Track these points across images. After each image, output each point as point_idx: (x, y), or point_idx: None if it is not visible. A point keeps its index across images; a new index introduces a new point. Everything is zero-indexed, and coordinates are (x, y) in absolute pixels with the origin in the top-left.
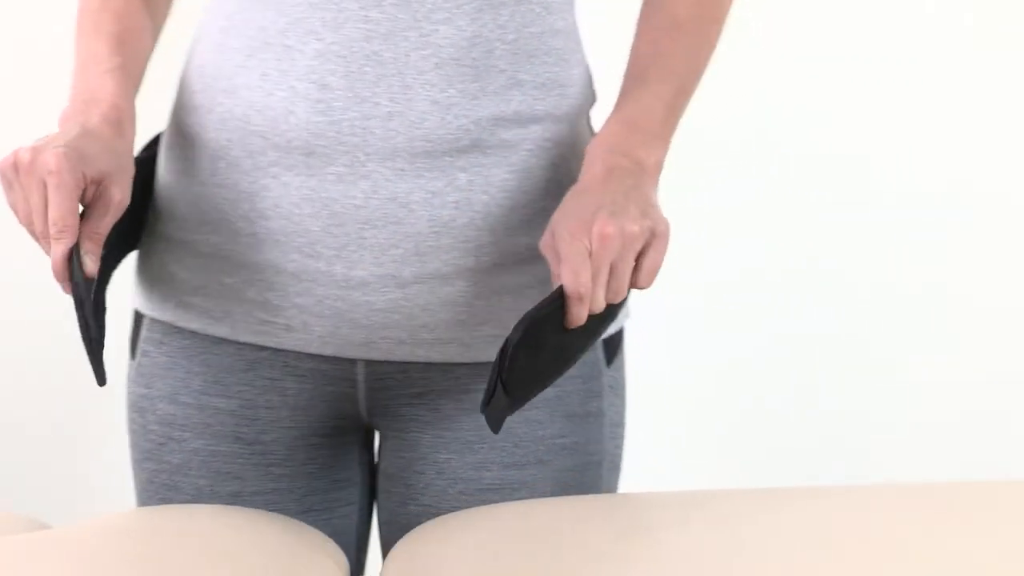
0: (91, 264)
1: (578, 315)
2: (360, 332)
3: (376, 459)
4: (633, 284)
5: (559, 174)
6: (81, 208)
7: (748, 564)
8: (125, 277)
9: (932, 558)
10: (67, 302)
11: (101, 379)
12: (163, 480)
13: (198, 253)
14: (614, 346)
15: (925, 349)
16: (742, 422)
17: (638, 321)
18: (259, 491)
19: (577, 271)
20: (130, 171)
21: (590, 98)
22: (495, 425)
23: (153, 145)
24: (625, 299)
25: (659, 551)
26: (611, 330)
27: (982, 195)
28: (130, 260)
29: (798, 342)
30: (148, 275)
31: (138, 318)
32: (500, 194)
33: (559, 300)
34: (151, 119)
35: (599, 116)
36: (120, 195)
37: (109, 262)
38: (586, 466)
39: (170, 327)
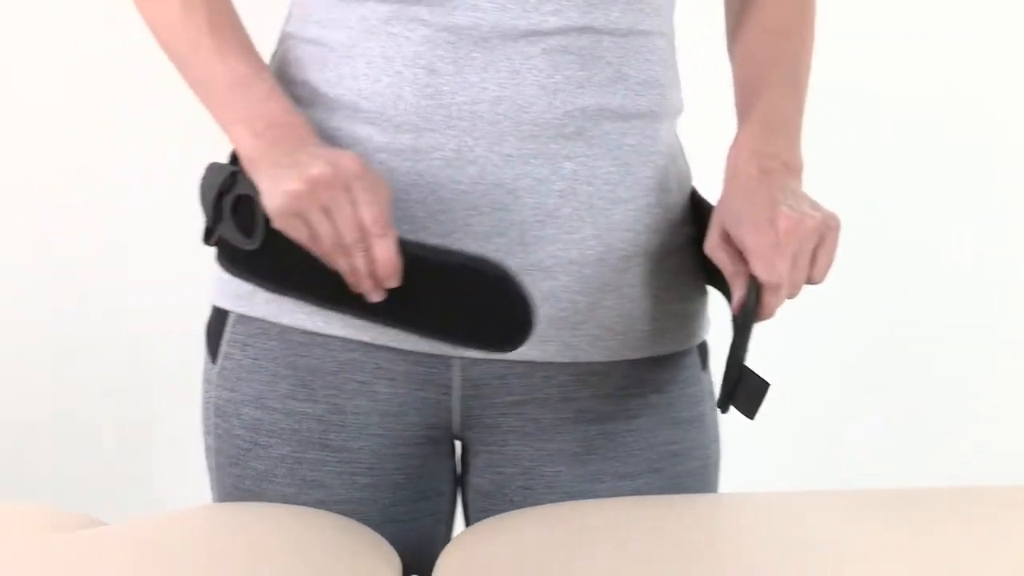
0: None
1: (774, 306)
2: None
3: (460, 473)
4: (808, 277)
5: (660, 174)
6: None
7: (791, 567)
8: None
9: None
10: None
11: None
12: (248, 487)
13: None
14: (706, 352)
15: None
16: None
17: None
18: (343, 500)
19: (771, 262)
20: None
21: (681, 105)
22: (753, 411)
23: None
24: None
25: (717, 552)
26: (703, 336)
27: None
28: (207, 257)
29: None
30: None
31: (220, 317)
32: (604, 187)
33: (755, 294)
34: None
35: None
36: (390, 192)
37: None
38: (696, 471)
39: (256, 327)
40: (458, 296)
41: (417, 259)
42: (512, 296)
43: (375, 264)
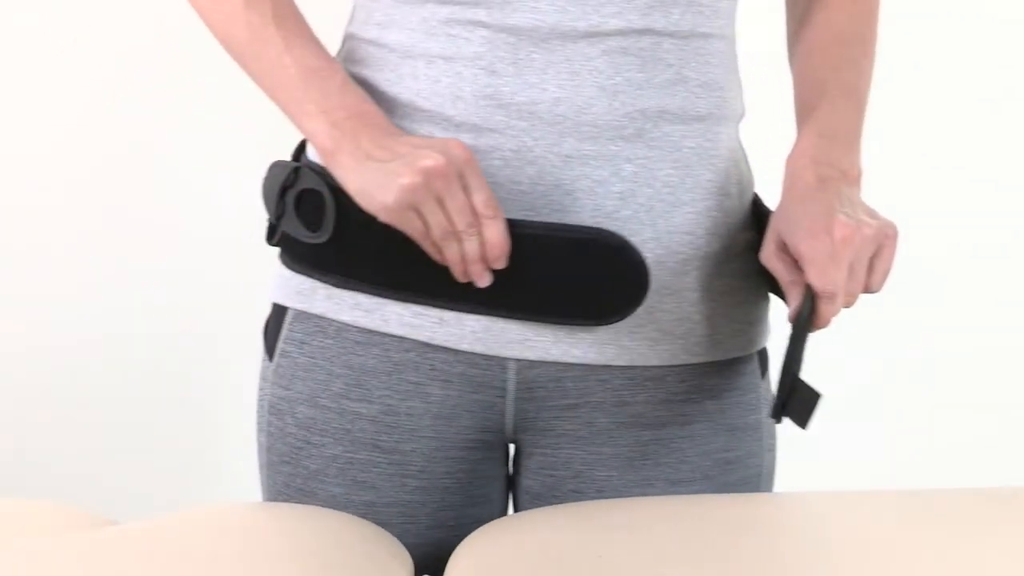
0: None
1: (829, 315)
2: (516, 327)
3: (512, 476)
4: (865, 287)
5: (720, 177)
6: None
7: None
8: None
9: None
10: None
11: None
12: (298, 485)
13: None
14: (766, 359)
15: None
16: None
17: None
18: (392, 502)
19: (825, 270)
20: None
21: (742, 110)
22: (805, 421)
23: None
24: None
25: (736, 552)
26: (762, 343)
27: None
28: (214, 257)
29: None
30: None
31: (279, 314)
32: (664, 189)
33: (810, 303)
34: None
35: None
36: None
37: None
38: (750, 479)
39: (314, 325)
40: (568, 269)
41: (520, 238)
42: (634, 264)
43: (485, 246)
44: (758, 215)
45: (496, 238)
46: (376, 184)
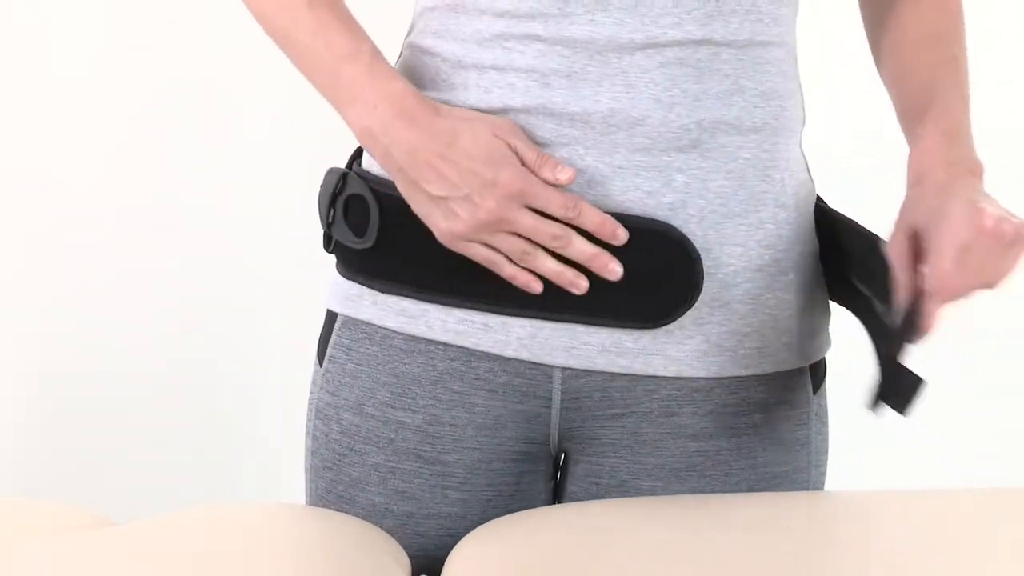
0: None
1: (934, 316)
2: (561, 335)
3: (559, 480)
4: (986, 283)
5: (776, 189)
6: None
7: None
8: None
9: None
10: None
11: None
12: (340, 492)
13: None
14: (820, 373)
15: None
16: None
17: None
18: (432, 514)
19: (955, 263)
20: None
21: (803, 117)
22: (904, 407)
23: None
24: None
25: (731, 553)
26: (816, 356)
27: None
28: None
29: None
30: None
31: (330, 320)
32: (716, 200)
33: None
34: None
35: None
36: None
37: None
38: None
39: (361, 332)
40: (621, 262)
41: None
42: (688, 261)
43: (594, 232)
44: (822, 223)
45: (597, 218)
46: (425, 212)
